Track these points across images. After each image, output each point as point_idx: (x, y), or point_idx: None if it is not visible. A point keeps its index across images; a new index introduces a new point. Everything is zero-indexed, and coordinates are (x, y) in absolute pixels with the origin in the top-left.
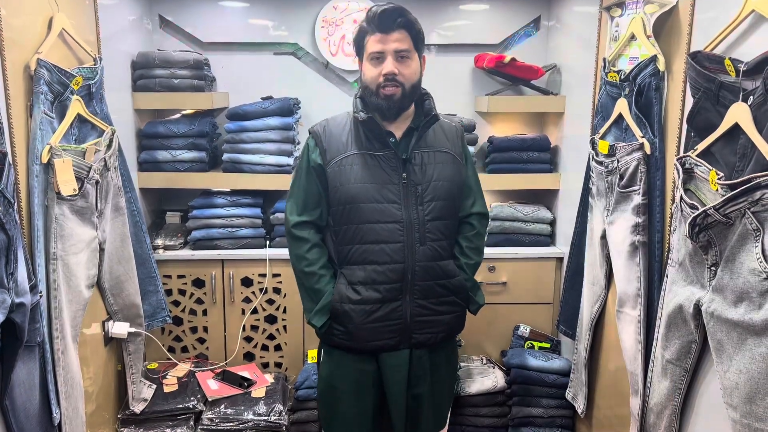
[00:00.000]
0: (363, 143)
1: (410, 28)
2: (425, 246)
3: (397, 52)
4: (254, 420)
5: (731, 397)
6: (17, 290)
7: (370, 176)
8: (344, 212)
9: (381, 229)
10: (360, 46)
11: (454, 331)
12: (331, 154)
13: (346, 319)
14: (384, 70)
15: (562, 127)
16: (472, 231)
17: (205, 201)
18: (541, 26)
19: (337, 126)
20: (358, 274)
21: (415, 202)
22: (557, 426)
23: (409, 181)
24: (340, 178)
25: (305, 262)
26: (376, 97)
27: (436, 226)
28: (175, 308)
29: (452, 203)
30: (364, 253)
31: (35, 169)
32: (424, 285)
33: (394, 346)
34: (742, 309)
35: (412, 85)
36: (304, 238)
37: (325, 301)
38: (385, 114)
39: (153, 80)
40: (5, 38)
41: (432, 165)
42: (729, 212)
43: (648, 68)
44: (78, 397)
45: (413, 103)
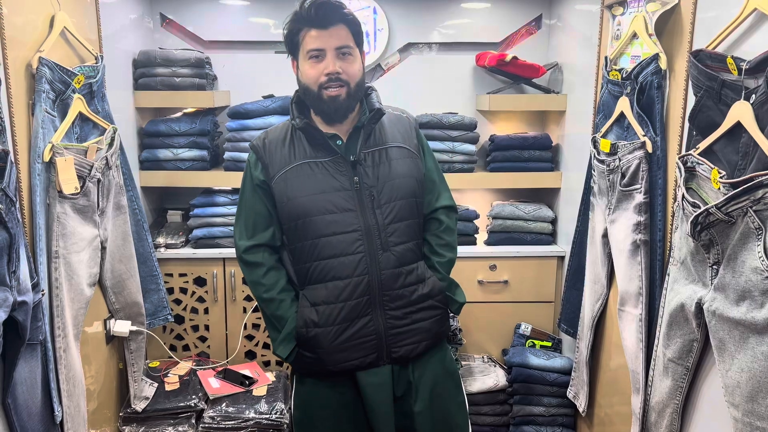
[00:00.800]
0: (306, 151)
1: (350, 23)
2: (388, 252)
3: (339, 49)
4: (255, 418)
5: (733, 396)
6: (19, 288)
7: (318, 186)
8: (297, 228)
9: (338, 241)
10: (293, 44)
11: (439, 335)
12: (274, 169)
13: (315, 344)
14: (326, 69)
15: (563, 125)
16: (440, 227)
17: (207, 199)
18: (542, 24)
19: (277, 137)
20: (320, 293)
21: (372, 206)
22: (558, 425)
23: (362, 185)
24: (286, 192)
25: (262, 288)
26: (318, 99)
27: (398, 229)
28: (176, 307)
29: (413, 201)
30: (324, 269)
31: (37, 168)
32: (393, 294)
33: (371, 363)
34: (744, 308)
35: (357, 83)
36: (257, 263)
37: (288, 328)
38: (331, 117)
39: (154, 79)
40: (7, 37)
41: (385, 164)
42: (731, 211)
43: (650, 67)
44: (80, 395)
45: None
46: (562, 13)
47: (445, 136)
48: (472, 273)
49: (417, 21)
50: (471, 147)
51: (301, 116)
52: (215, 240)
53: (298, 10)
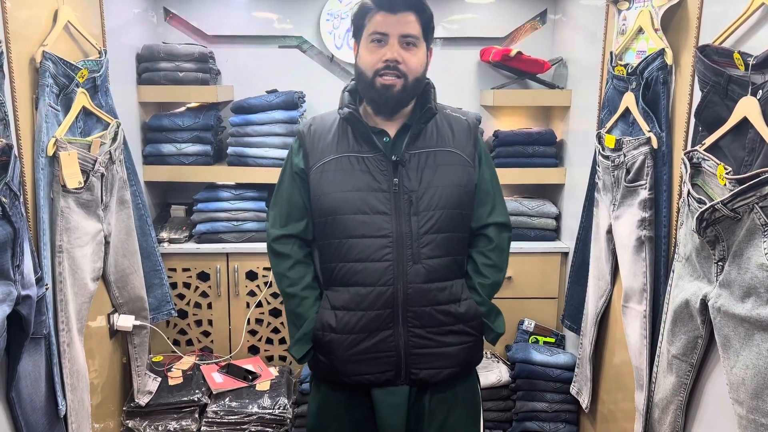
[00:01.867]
0: (350, 144)
1: (421, 12)
2: (419, 264)
3: (404, 37)
4: (259, 413)
5: (737, 393)
6: (23, 283)
7: (354, 183)
8: (326, 225)
9: (365, 245)
10: (359, 26)
11: (467, 365)
12: (314, 158)
13: (329, 349)
14: (386, 55)
15: (568, 121)
16: (489, 245)
17: (210, 194)
18: (547, 19)
19: (324, 125)
20: (342, 297)
21: (409, 213)
22: (561, 420)
23: (401, 188)
24: (321, 185)
25: (287, 281)
26: (371, 86)
27: (433, 241)
28: (179, 301)
29: (458, 212)
30: (348, 272)
31: (41, 162)
32: (419, 311)
33: (389, 381)
34: (750, 304)
35: (416, 78)
36: (285, 255)
37: (306, 329)
38: (380, 108)
39: (158, 73)
40: (11, 31)
41: (431, 168)
42: (737, 207)
43: (655, 62)
44: (84, 389)
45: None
46: (567, 8)
47: None
48: None
49: None
50: None
51: (349, 106)
52: (219, 235)
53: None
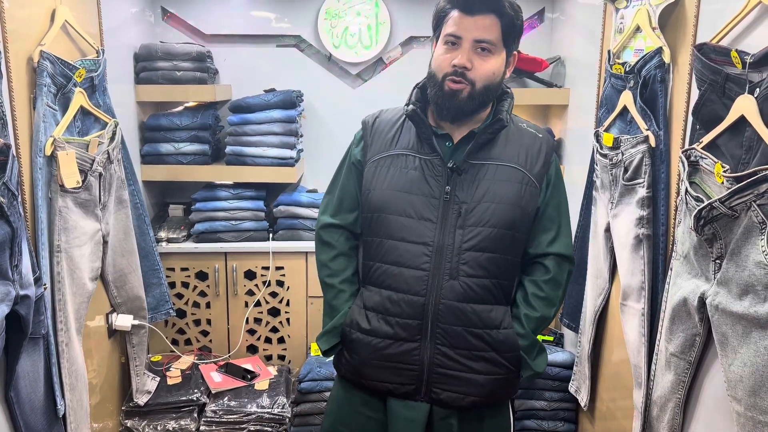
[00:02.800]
0: (411, 143)
1: (502, 14)
2: (456, 281)
3: (478, 42)
4: (257, 412)
5: (735, 390)
6: (22, 282)
7: (406, 184)
8: (372, 221)
9: (405, 249)
10: (438, 23)
11: (495, 397)
12: (372, 151)
13: (353, 349)
14: (455, 59)
15: (565, 119)
16: (545, 275)
17: (208, 194)
18: (545, 18)
19: (389, 118)
20: (373, 298)
21: (455, 224)
22: (560, 419)
23: (452, 197)
24: (373, 180)
25: (327, 271)
26: (438, 89)
27: (477, 259)
28: (178, 301)
29: (509, 233)
30: (384, 274)
31: (39, 162)
32: (450, 329)
33: (408, 395)
34: (747, 302)
35: (486, 85)
36: (330, 244)
37: (337, 322)
38: (442, 112)
39: (156, 72)
40: (8, 30)
41: (489, 181)
42: (734, 205)
43: (653, 60)
44: (82, 389)
45: (490, 105)
46: (565, 6)
47: None
48: None
49: (419, 14)
50: None
51: (416, 103)
52: (217, 234)
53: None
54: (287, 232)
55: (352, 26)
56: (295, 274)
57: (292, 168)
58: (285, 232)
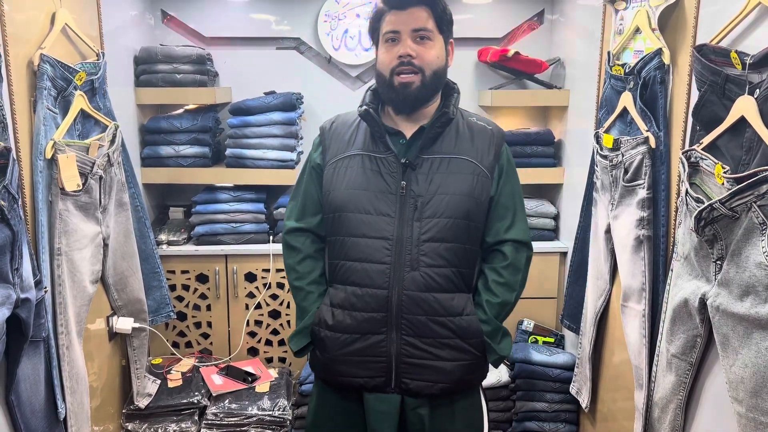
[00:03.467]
0: (366, 143)
1: (432, 4)
2: (416, 271)
3: (416, 32)
4: (258, 415)
5: (737, 391)
6: (22, 286)
7: (364, 182)
8: (333, 221)
9: (366, 245)
10: (375, 30)
11: (463, 383)
12: (330, 154)
13: (322, 347)
14: (399, 51)
15: (565, 121)
16: (503, 262)
17: (209, 196)
18: (544, 20)
19: (345, 122)
20: (339, 296)
21: (412, 218)
22: (561, 420)
23: (408, 191)
24: (332, 181)
25: (294, 274)
26: (389, 86)
27: (435, 249)
28: (178, 303)
29: (464, 223)
30: (347, 271)
31: (39, 165)
32: (414, 319)
33: (379, 387)
34: (748, 303)
35: (434, 71)
36: (296, 248)
37: (306, 323)
38: (399, 107)
39: (156, 75)
40: (8, 33)
41: (442, 174)
42: (735, 206)
43: (653, 61)
44: (83, 392)
45: (439, 97)
46: (565, 8)
47: None
48: None
49: None
50: None
51: (369, 104)
52: (217, 237)
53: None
54: None
55: (351, 28)
56: None
57: (293, 170)
58: None
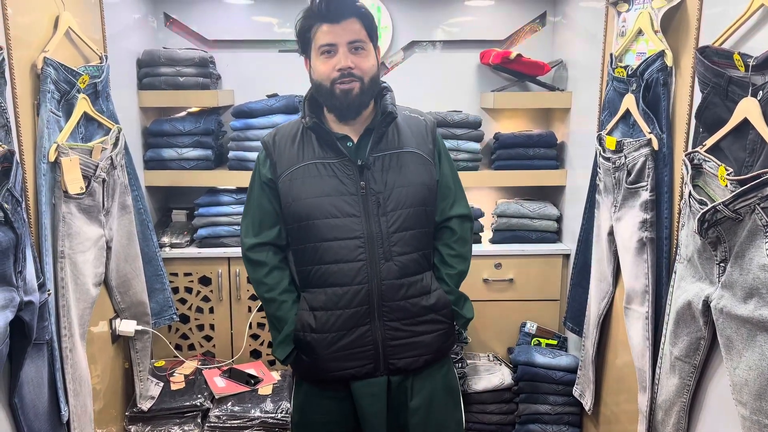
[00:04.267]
0: (315, 151)
1: (363, 16)
2: (390, 262)
3: (351, 44)
4: (261, 417)
5: (741, 394)
6: (26, 288)
7: (323, 188)
8: (299, 230)
9: (339, 246)
10: (305, 41)
11: (441, 351)
12: (281, 167)
13: (310, 349)
14: (338, 64)
15: (568, 123)
16: (453, 236)
17: (211, 199)
18: (547, 22)
19: (287, 134)
20: (319, 298)
21: (377, 213)
22: (564, 423)
23: (368, 190)
24: (291, 192)
25: (264, 287)
26: (330, 95)
27: (403, 238)
28: (181, 306)
29: (422, 209)
30: (324, 274)
31: (42, 168)
32: (393, 305)
33: (368, 373)
34: (752, 305)
35: (371, 78)
36: (261, 262)
37: (287, 331)
38: (343, 113)
39: (158, 78)
40: (12, 37)
41: (395, 169)
42: (738, 208)
43: (655, 63)
44: (86, 394)
45: (373, 101)
46: (567, 10)
47: (449, 134)
48: (477, 271)
49: (421, 19)
50: (475, 145)
51: (311, 114)
52: (220, 239)
53: (309, 5)
54: None
55: None
56: None
57: None
58: None
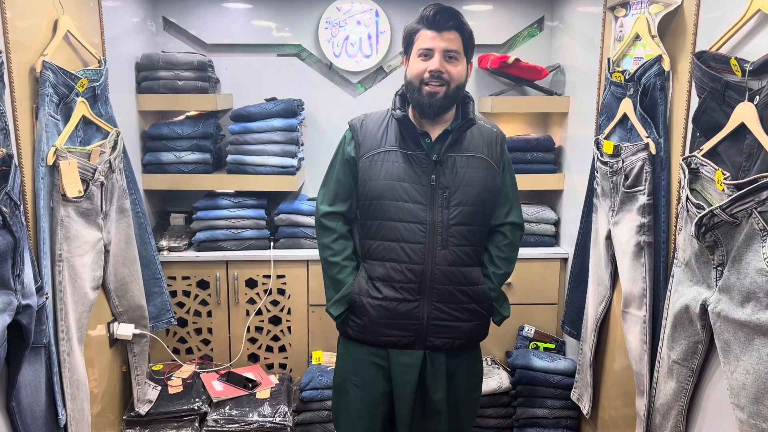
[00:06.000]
0: (397, 141)
1: (462, 31)
2: (447, 250)
3: (446, 52)
4: (259, 421)
5: (738, 398)
6: (24, 292)
7: (399, 174)
8: (370, 207)
9: (403, 228)
10: (409, 43)
11: (474, 339)
12: (364, 148)
13: (363, 312)
14: (431, 66)
15: (566, 127)
16: (504, 240)
17: (210, 202)
18: (544, 26)
19: (374, 121)
20: (378, 270)
21: (441, 205)
22: (562, 427)
23: (437, 184)
24: (369, 173)
25: (330, 251)
26: (418, 93)
27: (460, 231)
28: (179, 310)
29: (481, 210)
30: (385, 250)
31: (41, 171)
32: (443, 289)
33: (407, 345)
34: (749, 309)
35: (457, 85)
36: (331, 229)
37: (345, 292)
38: (425, 111)
39: (157, 82)
40: (11, 40)
41: (464, 169)
42: (735, 212)
43: (653, 68)
44: (84, 398)
45: (454, 106)
46: (564, 15)
47: None
48: None
49: None
50: None
51: (402, 108)
52: (218, 243)
53: (422, 12)
54: (288, 240)
55: (352, 35)
56: (296, 282)
57: (293, 176)
58: (286, 241)
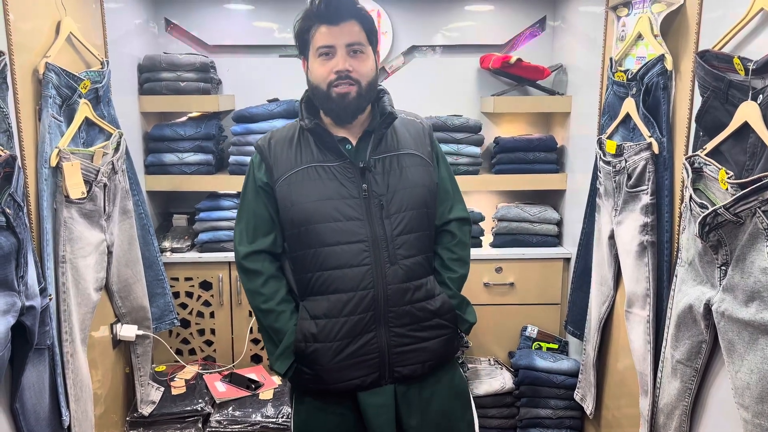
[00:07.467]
0: (314, 155)
1: (363, 19)
2: (396, 265)
3: (350, 46)
4: (262, 422)
5: (742, 397)
6: (27, 293)
7: (324, 192)
8: (299, 235)
9: (342, 251)
10: (304, 42)
11: (445, 357)
12: (279, 171)
13: (313, 360)
14: (336, 66)
15: (568, 127)
16: (453, 240)
17: (212, 203)
18: (546, 26)
19: (284, 138)
20: (321, 306)
21: (380, 216)
22: (566, 427)
23: (370, 193)
24: (290, 197)
25: (260, 298)
26: (326, 98)
27: (407, 241)
28: (182, 311)
29: (424, 211)
30: (327, 280)
31: (44, 173)
32: (399, 311)
33: (374, 383)
34: (754, 308)
35: (369, 82)
36: (256, 271)
37: (287, 342)
38: (340, 117)
39: (159, 83)
40: (14, 42)
41: (396, 171)
42: (739, 211)
43: (655, 67)
44: (87, 399)
45: (370, 105)
46: (567, 14)
47: (449, 138)
48: (477, 275)
49: (421, 24)
50: (476, 149)
51: (310, 117)
52: (221, 244)
53: (309, 6)
54: None
55: None
56: None
57: None
58: None
